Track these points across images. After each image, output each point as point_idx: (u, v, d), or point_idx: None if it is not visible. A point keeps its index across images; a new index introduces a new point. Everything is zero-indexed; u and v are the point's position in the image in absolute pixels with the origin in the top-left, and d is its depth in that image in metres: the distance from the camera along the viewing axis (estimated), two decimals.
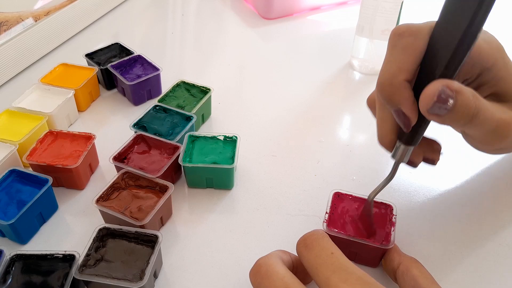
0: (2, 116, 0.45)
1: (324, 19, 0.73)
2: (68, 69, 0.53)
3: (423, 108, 0.28)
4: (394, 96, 0.30)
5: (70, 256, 0.32)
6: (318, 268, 0.26)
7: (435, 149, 0.35)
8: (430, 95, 0.27)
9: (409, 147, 0.32)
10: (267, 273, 0.27)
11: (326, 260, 0.26)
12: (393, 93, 0.30)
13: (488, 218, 0.39)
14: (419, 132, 0.31)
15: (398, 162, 0.33)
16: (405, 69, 0.29)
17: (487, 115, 0.29)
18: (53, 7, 0.61)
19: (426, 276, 0.30)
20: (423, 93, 0.27)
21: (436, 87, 0.27)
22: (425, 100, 0.27)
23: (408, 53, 0.29)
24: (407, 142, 0.31)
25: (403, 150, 0.32)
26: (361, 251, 0.34)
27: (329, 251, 0.27)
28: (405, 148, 0.32)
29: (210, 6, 0.78)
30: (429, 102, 0.27)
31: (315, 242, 0.28)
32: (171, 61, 0.63)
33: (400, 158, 0.32)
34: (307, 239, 0.28)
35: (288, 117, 0.52)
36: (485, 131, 0.30)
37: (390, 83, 0.30)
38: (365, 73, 0.59)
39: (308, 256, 0.27)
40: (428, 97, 0.27)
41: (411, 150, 0.32)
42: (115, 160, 0.41)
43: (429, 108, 0.27)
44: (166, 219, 0.39)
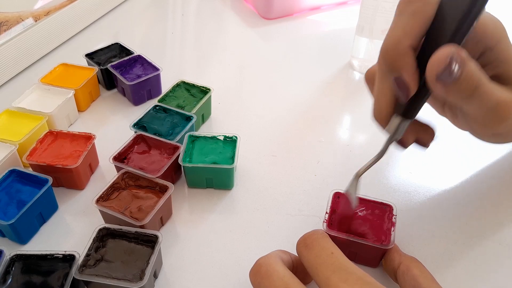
0: (2, 116, 0.45)
1: (324, 19, 0.73)
2: (68, 69, 0.53)
3: (432, 73, 0.27)
4: (397, 62, 0.29)
5: (70, 256, 0.32)
6: (318, 268, 0.26)
7: (429, 132, 0.34)
8: (442, 59, 0.26)
9: (406, 120, 0.31)
10: (267, 272, 0.27)
11: (326, 260, 0.26)
12: (396, 58, 0.29)
13: (488, 218, 0.39)
14: (418, 105, 0.30)
15: (392, 137, 0.32)
16: (411, 34, 0.29)
17: (487, 91, 0.28)
18: (53, 7, 0.61)
19: (426, 275, 0.30)
20: (432, 57, 0.27)
21: (448, 51, 0.26)
22: (435, 65, 0.26)
23: (417, 18, 0.29)
24: (404, 115, 0.30)
25: (399, 124, 0.31)
26: (361, 251, 0.34)
27: (329, 251, 0.27)
28: (401, 122, 0.31)
29: (210, 6, 0.78)
30: (439, 66, 0.26)
31: (315, 242, 0.28)
32: (171, 61, 0.63)
33: (395, 133, 0.31)
34: (307, 239, 0.28)
35: (288, 117, 0.51)
36: (484, 108, 0.29)
37: (394, 48, 0.29)
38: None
39: (308, 256, 0.27)
40: (439, 61, 0.26)
41: (406, 124, 0.31)
42: (115, 160, 0.41)
43: (439, 73, 0.26)
44: (166, 219, 0.39)
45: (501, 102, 0.29)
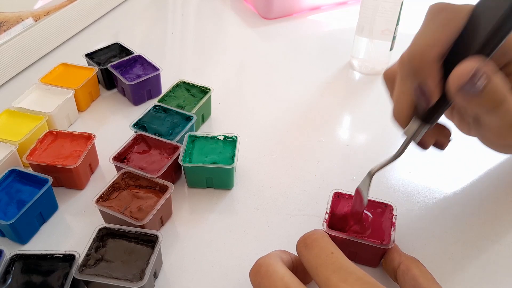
0: (2, 116, 0.45)
1: (324, 19, 0.73)
2: (68, 69, 0.53)
3: (454, 85, 0.26)
4: (423, 70, 0.29)
5: (70, 256, 0.32)
6: (318, 268, 0.26)
7: (445, 134, 0.34)
8: (465, 72, 0.26)
9: (426, 125, 0.30)
10: (267, 272, 0.27)
11: (326, 260, 0.26)
12: (422, 66, 0.29)
13: (488, 218, 0.39)
14: (440, 111, 0.30)
15: (410, 139, 0.31)
16: (441, 43, 0.29)
17: (510, 105, 0.28)
18: (53, 7, 0.61)
19: (426, 275, 0.30)
20: (456, 69, 0.26)
21: (473, 64, 0.26)
22: (458, 77, 0.26)
23: (447, 27, 0.28)
24: (426, 120, 0.30)
25: (419, 128, 0.30)
26: (361, 250, 0.34)
27: (329, 251, 0.27)
28: (421, 126, 0.30)
29: (210, 6, 0.78)
30: (462, 79, 0.26)
31: (315, 242, 0.28)
32: (171, 61, 0.63)
33: (414, 136, 0.31)
34: (307, 239, 0.28)
35: (288, 117, 0.52)
36: (504, 122, 0.29)
37: (421, 55, 0.29)
38: (365, 73, 0.59)
39: (308, 256, 0.27)
40: (462, 74, 0.26)
41: (426, 129, 0.30)
42: (115, 160, 0.41)
43: (461, 86, 0.26)
44: (166, 219, 0.39)
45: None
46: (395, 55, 0.57)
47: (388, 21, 0.53)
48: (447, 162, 0.45)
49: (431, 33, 0.29)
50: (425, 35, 0.29)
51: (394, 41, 0.55)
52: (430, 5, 0.30)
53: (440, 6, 0.29)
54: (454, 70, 0.26)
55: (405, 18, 0.55)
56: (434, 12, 0.30)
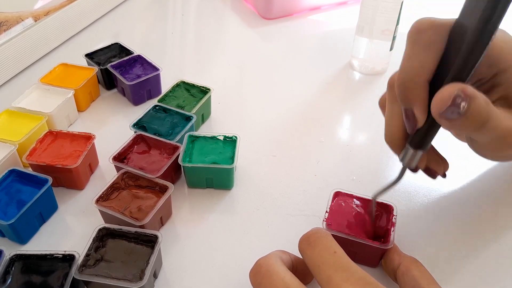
0: (2, 116, 0.45)
1: (324, 19, 0.73)
2: (68, 69, 0.53)
3: (436, 111, 0.27)
4: (410, 95, 0.29)
5: (70, 256, 0.32)
6: (320, 266, 0.26)
7: (441, 164, 0.34)
8: (444, 99, 0.26)
9: (418, 151, 0.31)
10: (267, 273, 0.27)
11: (329, 259, 0.26)
12: (411, 91, 0.29)
13: (488, 218, 0.39)
14: (429, 136, 0.30)
15: (406, 166, 0.32)
16: (427, 68, 0.29)
17: (496, 123, 0.28)
18: (53, 7, 0.61)
19: (426, 276, 0.30)
20: (437, 96, 0.27)
21: (452, 91, 0.26)
22: (439, 104, 0.27)
23: (431, 50, 0.29)
24: (416, 146, 0.31)
25: (412, 155, 0.31)
26: (360, 250, 0.34)
27: (332, 250, 0.27)
28: (413, 153, 0.31)
29: (210, 6, 0.78)
30: (442, 106, 0.26)
31: (318, 240, 0.28)
32: (171, 61, 0.63)
33: (408, 163, 0.32)
34: (311, 236, 0.28)
35: (288, 117, 0.51)
36: (492, 138, 0.29)
37: (411, 81, 0.29)
38: (365, 73, 0.59)
39: (311, 254, 0.27)
40: (442, 100, 0.26)
41: (419, 155, 0.31)
42: (115, 160, 0.41)
43: (442, 112, 0.27)
44: (166, 219, 0.39)
45: (509, 131, 0.29)
46: (395, 55, 0.57)
47: (388, 21, 0.53)
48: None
49: (417, 58, 0.29)
50: (412, 60, 0.30)
51: (394, 41, 0.55)
52: (412, 24, 0.30)
53: (422, 26, 0.29)
54: (435, 97, 0.27)
55: (405, 18, 0.55)
56: (417, 32, 0.30)
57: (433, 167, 0.34)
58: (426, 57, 0.29)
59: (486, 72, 0.31)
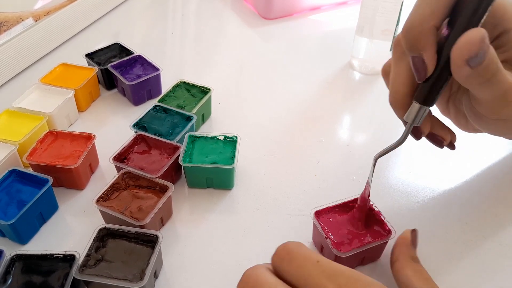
0: (2, 116, 0.45)
1: (324, 19, 0.73)
2: (68, 69, 0.53)
3: (461, 56, 0.26)
4: (420, 41, 0.29)
5: (70, 256, 0.32)
6: (308, 279, 0.24)
7: (447, 131, 0.34)
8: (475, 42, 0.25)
9: (425, 107, 0.30)
10: (257, 283, 0.25)
11: (315, 269, 0.24)
12: (420, 37, 0.29)
13: (488, 218, 0.39)
14: (436, 90, 0.30)
15: (412, 124, 0.31)
16: (437, 13, 0.28)
17: (502, 76, 0.28)
18: (53, 7, 0.61)
19: (420, 275, 0.29)
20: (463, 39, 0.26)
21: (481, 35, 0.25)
22: (467, 47, 0.26)
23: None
24: (423, 101, 0.30)
25: (417, 111, 0.30)
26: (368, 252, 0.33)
27: (314, 260, 0.24)
28: (420, 108, 0.30)
29: (210, 6, 0.78)
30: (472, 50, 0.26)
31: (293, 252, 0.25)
32: (171, 61, 0.63)
33: (414, 119, 0.31)
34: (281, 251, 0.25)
35: (288, 117, 0.52)
36: (495, 94, 0.29)
37: (420, 26, 0.29)
38: (365, 73, 0.59)
39: (289, 267, 0.25)
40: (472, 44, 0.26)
41: (426, 111, 0.30)
42: (115, 160, 0.41)
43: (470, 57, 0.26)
44: (166, 219, 0.39)
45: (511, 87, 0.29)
46: None
47: (388, 21, 0.53)
48: (447, 162, 0.45)
49: (428, 3, 0.29)
50: (422, 6, 0.29)
51: None
52: None
53: None
54: (460, 41, 0.26)
55: (405, 18, 0.55)
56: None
57: (438, 132, 0.33)
58: (437, 3, 0.28)
59: (492, 32, 0.30)
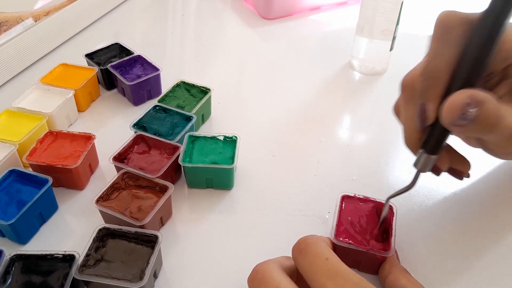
0: (2, 116, 0.45)
1: (324, 19, 0.73)
2: (68, 69, 0.53)
3: (446, 120, 0.27)
4: (431, 91, 0.29)
5: (70, 256, 0.32)
6: (313, 274, 0.25)
7: (464, 164, 0.34)
8: (454, 108, 0.26)
9: (431, 156, 0.31)
10: (263, 279, 0.26)
11: (322, 266, 0.25)
12: (430, 87, 0.29)
13: (488, 218, 0.39)
14: (439, 140, 0.30)
15: (419, 171, 0.32)
16: (453, 64, 0.28)
17: (506, 124, 0.28)
18: (53, 7, 0.61)
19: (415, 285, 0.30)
20: (446, 104, 0.26)
21: (461, 99, 0.26)
22: (449, 113, 0.26)
23: (459, 46, 0.28)
24: (429, 151, 0.31)
25: (425, 159, 0.31)
26: (365, 259, 0.33)
27: (323, 257, 0.26)
28: (427, 157, 0.31)
29: (210, 6, 0.78)
30: (452, 115, 0.26)
31: (309, 247, 0.27)
32: (171, 61, 0.63)
33: (422, 168, 0.32)
34: (301, 244, 0.28)
35: (288, 117, 0.52)
36: (501, 138, 0.29)
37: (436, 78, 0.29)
38: (365, 73, 0.59)
39: (303, 262, 0.27)
40: (452, 109, 0.26)
41: (433, 160, 0.31)
42: (115, 160, 0.41)
43: (453, 121, 0.26)
44: (166, 219, 0.39)
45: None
46: (395, 55, 0.57)
47: (388, 21, 0.53)
48: None
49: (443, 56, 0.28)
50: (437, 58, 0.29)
51: (394, 41, 0.55)
52: (440, 16, 0.29)
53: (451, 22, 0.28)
54: (446, 104, 0.27)
55: (405, 18, 0.55)
56: (445, 28, 0.28)
57: (457, 167, 0.34)
58: (455, 55, 0.28)
59: (497, 66, 0.30)
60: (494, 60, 0.29)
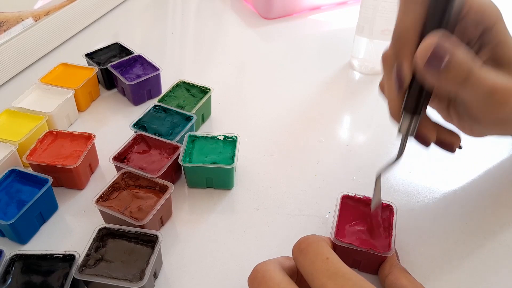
0: (2, 116, 0.45)
1: (324, 19, 0.74)
2: (68, 69, 0.53)
3: (419, 62, 0.27)
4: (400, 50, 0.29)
5: (70, 256, 0.32)
6: (313, 274, 0.25)
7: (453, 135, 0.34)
8: (426, 48, 0.26)
9: (413, 116, 0.30)
10: (264, 279, 0.26)
11: (321, 266, 0.25)
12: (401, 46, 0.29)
13: (488, 218, 0.39)
14: (418, 97, 0.30)
15: (406, 135, 0.31)
16: (418, 22, 0.29)
17: (480, 77, 0.28)
18: (53, 7, 0.61)
19: (415, 285, 0.30)
20: (420, 46, 0.27)
21: (433, 39, 0.26)
22: (422, 53, 0.27)
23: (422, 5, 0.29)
24: (410, 110, 0.30)
25: (408, 121, 0.31)
26: (365, 259, 0.33)
27: (324, 256, 0.26)
28: (409, 118, 0.30)
29: (210, 6, 0.78)
30: (424, 56, 0.27)
31: (309, 246, 0.27)
32: (171, 61, 0.63)
33: (408, 131, 0.31)
34: (302, 243, 0.28)
35: (288, 117, 0.52)
36: (480, 95, 0.29)
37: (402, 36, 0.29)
38: (365, 73, 0.59)
39: (303, 261, 0.27)
40: (425, 50, 0.26)
41: (416, 121, 0.30)
42: (115, 160, 0.41)
43: (425, 63, 0.27)
44: (166, 219, 0.39)
45: (496, 87, 0.28)
46: None
47: (388, 21, 0.53)
48: (447, 162, 0.44)
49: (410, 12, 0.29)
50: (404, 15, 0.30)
51: None
52: None
53: None
54: (419, 47, 0.27)
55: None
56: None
57: (446, 139, 0.34)
58: (418, 11, 0.29)
59: (473, 32, 0.31)
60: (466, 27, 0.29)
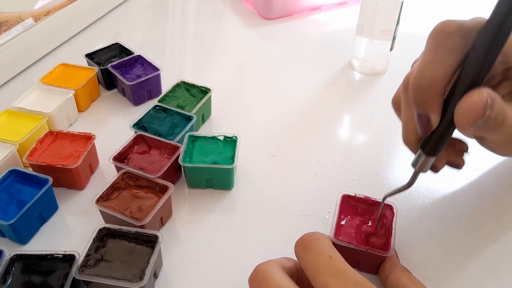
0: (2, 116, 0.45)
1: (324, 19, 0.73)
2: (68, 69, 0.53)
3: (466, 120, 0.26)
4: (428, 101, 0.28)
5: (70, 256, 0.32)
6: (316, 272, 0.25)
7: (459, 150, 0.34)
8: (476, 109, 0.25)
9: (430, 157, 0.30)
10: (264, 279, 0.26)
11: (324, 264, 0.25)
12: (428, 97, 0.28)
13: (489, 218, 0.39)
14: (442, 143, 0.30)
15: (418, 172, 0.31)
16: (450, 74, 0.27)
17: (509, 122, 0.27)
18: (53, 7, 0.61)
19: (416, 284, 0.30)
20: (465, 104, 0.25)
21: (482, 99, 0.25)
22: (469, 114, 0.25)
23: (456, 56, 0.27)
24: (429, 153, 0.30)
25: (424, 161, 0.31)
26: (364, 258, 0.33)
27: (327, 255, 0.26)
28: (426, 159, 0.30)
29: (210, 6, 0.78)
30: (474, 117, 0.25)
31: (313, 243, 0.27)
32: (171, 61, 0.63)
33: (420, 168, 0.31)
34: (305, 240, 0.28)
35: (288, 117, 0.52)
36: (504, 136, 0.29)
37: (431, 88, 0.28)
38: (365, 73, 0.59)
39: (306, 258, 0.27)
40: (475, 109, 0.25)
41: (432, 161, 0.31)
42: (115, 160, 0.41)
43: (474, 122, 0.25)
44: (166, 219, 0.39)
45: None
46: (395, 55, 0.57)
47: (388, 21, 0.53)
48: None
49: (439, 63, 0.27)
50: (432, 65, 0.28)
51: (394, 41, 0.55)
52: (436, 25, 0.28)
53: (448, 30, 0.27)
54: (462, 105, 0.26)
55: (405, 18, 0.55)
56: (442, 35, 0.27)
57: (454, 160, 0.33)
58: (451, 63, 0.27)
59: (497, 69, 0.30)
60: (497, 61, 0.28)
